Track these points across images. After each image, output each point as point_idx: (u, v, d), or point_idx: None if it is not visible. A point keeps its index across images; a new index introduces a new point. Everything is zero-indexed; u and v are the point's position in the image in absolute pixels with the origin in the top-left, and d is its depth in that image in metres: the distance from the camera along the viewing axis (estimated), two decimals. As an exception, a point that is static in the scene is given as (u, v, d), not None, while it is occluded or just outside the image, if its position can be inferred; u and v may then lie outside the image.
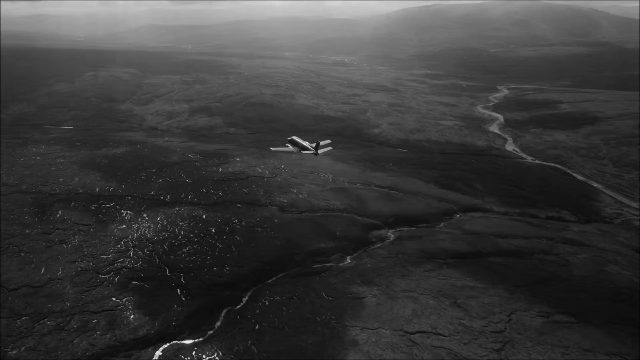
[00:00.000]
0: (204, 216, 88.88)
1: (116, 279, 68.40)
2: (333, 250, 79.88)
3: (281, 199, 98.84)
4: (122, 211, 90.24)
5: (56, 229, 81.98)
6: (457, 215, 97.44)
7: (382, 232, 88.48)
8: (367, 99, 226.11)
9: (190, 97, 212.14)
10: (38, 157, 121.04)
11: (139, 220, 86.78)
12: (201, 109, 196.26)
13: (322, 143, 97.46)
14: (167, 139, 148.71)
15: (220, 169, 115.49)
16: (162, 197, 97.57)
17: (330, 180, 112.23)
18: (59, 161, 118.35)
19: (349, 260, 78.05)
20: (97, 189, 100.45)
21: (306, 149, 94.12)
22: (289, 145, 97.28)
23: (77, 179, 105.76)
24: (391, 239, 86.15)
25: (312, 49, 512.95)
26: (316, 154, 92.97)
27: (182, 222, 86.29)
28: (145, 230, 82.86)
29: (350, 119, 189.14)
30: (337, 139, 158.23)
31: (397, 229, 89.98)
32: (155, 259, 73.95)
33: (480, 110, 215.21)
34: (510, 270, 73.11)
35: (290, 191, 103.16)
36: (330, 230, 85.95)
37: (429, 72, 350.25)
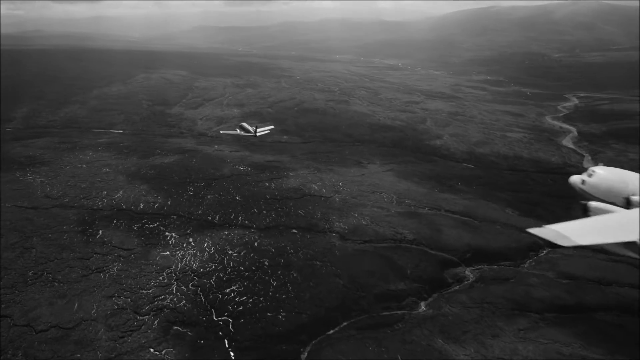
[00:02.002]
0: (255, 244, 78.94)
1: (156, 322, 59.08)
2: (404, 294, 68.03)
3: (341, 224, 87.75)
4: (167, 234, 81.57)
5: (95, 253, 74.00)
6: (545, 251, 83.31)
7: (459, 270, 75.94)
8: (425, 106, 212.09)
9: (241, 102, 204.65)
10: (84, 166, 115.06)
11: (184, 246, 77.77)
12: (252, 114, 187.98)
13: (263, 128, 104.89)
14: (216, 147, 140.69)
15: (273, 185, 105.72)
16: (210, 218, 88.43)
17: (395, 202, 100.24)
18: (104, 171, 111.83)
19: (423, 307, 66.06)
20: (142, 205, 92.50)
21: (248, 132, 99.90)
22: (237, 129, 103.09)
23: (121, 192, 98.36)
24: (470, 279, 73.49)
25: (363, 51, 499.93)
26: (255, 136, 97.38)
27: (231, 250, 76.60)
28: (190, 259, 73.63)
29: (409, 128, 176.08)
30: (397, 151, 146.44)
31: (476, 267, 77.15)
32: (201, 298, 64.35)
33: (549, 121, 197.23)
34: (629, 335, 59.11)
35: (351, 215, 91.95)
36: (399, 267, 74.14)
37: (488, 77, 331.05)
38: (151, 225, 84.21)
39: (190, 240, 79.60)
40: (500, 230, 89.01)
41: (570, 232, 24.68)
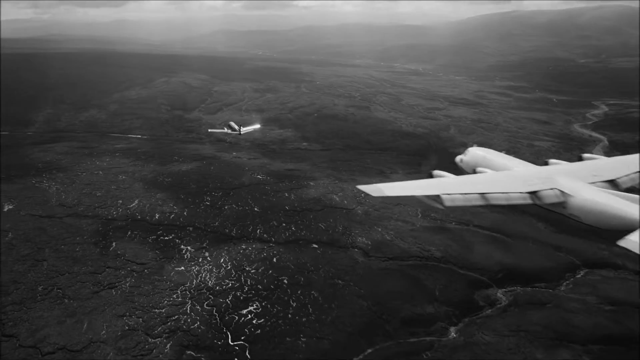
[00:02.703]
0: (274, 259, 75.14)
1: (168, 345, 55.53)
2: (433, 318, 63.41)
3: (364, 239, 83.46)
4: (182, 247, 78.29)
5: (107, 267, 71.01)
6: (582, 272, 77.80)
7: (491, 292, 70.96)
8: (449, 113, 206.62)
9: (260, 107, 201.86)
10: (100, 172, 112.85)
11: (200, 260, 74.33)
12: (272, 120, 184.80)
13: (248, 127, 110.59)
14: (235, 153, 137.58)
15: (292, 196, 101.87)
16: (227, 230, 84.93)
17: (420, 215, 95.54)
18: (120, 178, 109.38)
19: (453, 333, 61.32)
20: (157, 215, 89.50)
21: (234, 130, 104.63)
22: (225, 128, 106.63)
23: (136, 201, 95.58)
24: (503, 303, 68.46)
25: (384, 56, 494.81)
26: (240, 134, 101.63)
27: (249, 266, 72.93)
28: (206, 275, 70.13)
29: (432, 136, 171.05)
30: (420, 160, 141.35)
31: (509, 289, 72.03)
32: (216, 319, 60.66)
33: (578, 129, 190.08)
34: (683, 372, 53.77)
35: (374, 229, 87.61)
36: (426, 288, 69.57)
37: (512, 83, 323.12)
38: (166, 238, 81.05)
39: (206, 254, 76.15)
40: (533, 248, 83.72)
41: (386, 188, 33.46)
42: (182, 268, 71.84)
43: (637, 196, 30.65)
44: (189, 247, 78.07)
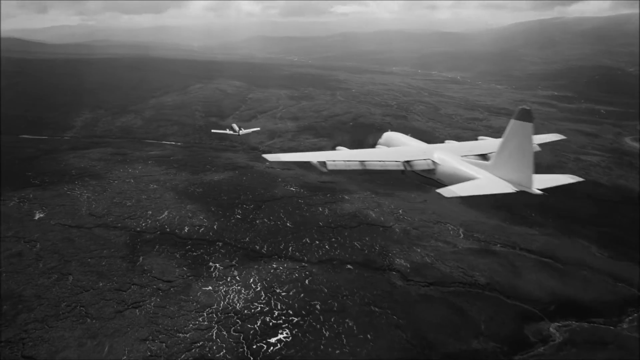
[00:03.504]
0: (306, 281, 70.74)
1: (191, 376, 51.82)
2: (479, 356, 57.66)
3: (403, 261, 78.15)
4: (210, 264, 74.83)
5: (133, 284, 68.11)
6: (646, 307, 70.44)
7: (543, 326, 64.53)
8: (489, 124, 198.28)
9: (294, 115, 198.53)
10: (132, 181, 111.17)
11: (229, 280, 70.62)
12: (306, 128, 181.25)
13: (247, 130, 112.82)
14: (267, 163, 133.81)
15: (326, 211, 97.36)
16: (257, 247, 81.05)
17: (462, 235, 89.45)
18: (151, 187, 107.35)
19: (502, 374, 55.54)
20: (186, 229, 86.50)
21: (235, 131, 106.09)
22: (227, 129, 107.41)
23: (166, 212, 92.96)
24: (557, 340, 61.98)
25: (421, 63, 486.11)
26: (239, 135, 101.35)
27: (279, 288, 68.76)
28: (234, 297, 66.30)
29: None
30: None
31: (563, 323, 65.45)
32: (243, 347, 56.55)
33: (629, 142, 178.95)
34: None
35: (413, 249, 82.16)
36: (471, 320, 63.77)
37: (556, 93, 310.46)
38: (194, 253, 77.80)
39: (235, 273, 72.41)
40: (589, 277, 76.54)
41: (278, 157, 37.64)
42: (210, 288, 68.26)
43: (485, 162, 38.70)
44: (217, 265, 74.53)
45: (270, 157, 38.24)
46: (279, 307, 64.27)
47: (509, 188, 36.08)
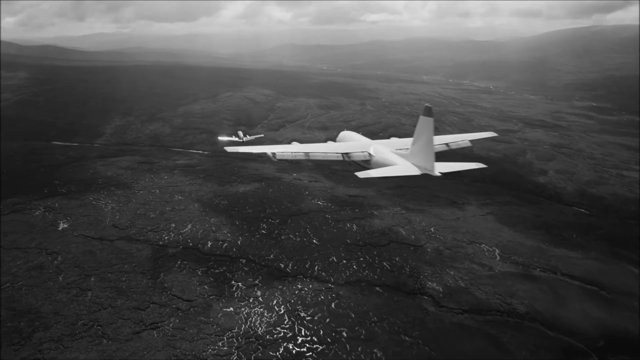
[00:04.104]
0: (332, 305, 66.95)
1: (208, 408, 48.57)
2: (520, 395, 52.77)
3: (435, 284, 73.60)
4: (233, 283, 71.82)
5: (152, 303, 65.55)
6: None
7: (591, 363, 59.15)
8: (524, 136, 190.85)
9: (323, 124, 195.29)
10: (157, 191, 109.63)
11: (251, 301, 67.40)
12: (334, 138, 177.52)
13: (252, 136, 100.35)
14: (295, 175, 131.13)
15: (355, 227, 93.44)
16: (282, 265, 77.70)
17: (498, 257, 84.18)
18: (176, 198, 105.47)
19: (546, 418, 50.51)
20: (209, 244, 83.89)
21: (240, 138, 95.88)
22: (233, 136, 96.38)
23: (189, 226, 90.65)
24: (607, 380, 56.50)
25: (452, 72, 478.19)
26: (242, 141, 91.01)
27: (304, 311, 65.14)
28: (256, 320, 62.99)
29: (507, 161, 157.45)
30: (494, 189, 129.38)
31: (614, 362, 59.83)
32: (264, 377, 53.17)
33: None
34: None
35: (446, 272, 77.47)
36: (510, 354, 58.68)
37: (594, 104, 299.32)
38: (217, 271, 74.95)
39: (258, 293, 69.16)
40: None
41: (236, 149, 45.95)
42: (231, 309, 65.14)
43: (406, 153, 46.00)
44: (240, 284, 71.45)
45: (230, 149, 47.03)
46: (303, 333, 60.65)
47: (415, 171, 44.36)
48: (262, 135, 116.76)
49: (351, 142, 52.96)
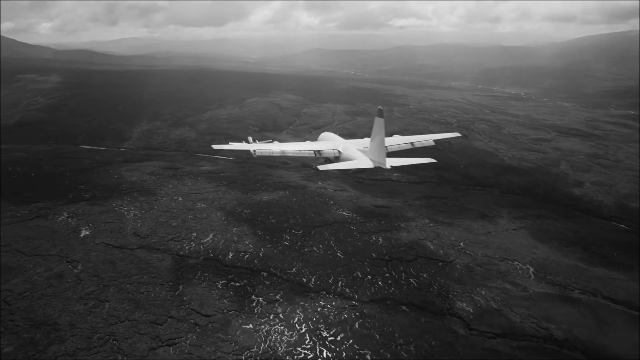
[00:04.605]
0: (356, 324, 63.69)
1: None
2: None
3: (464, 304, 69.60)
4: (253, 297, 69.26)
5: (169, 317, 63.48)
6: None
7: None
8: (558, 145, 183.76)
9: (350, 131, 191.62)
10: (180, 198, 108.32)
11: (271, 317, 64.66)
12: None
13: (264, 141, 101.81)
14: (320, 183, 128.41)
15: (381, 240, 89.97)
16: (304, 280, 74.81)
17: (532, 276, 79.52)
18: (199, 206, 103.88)
19: None
20: (231, 255, 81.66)
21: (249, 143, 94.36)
22: (243, 141, 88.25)
23: (211, 235, 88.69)
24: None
25: (482, 78, 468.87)
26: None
27: (326, 331, 62.07)
28: (276, 339, 60.20)
29: (540, 171, 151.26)
30: (527, 201, 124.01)
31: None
32: (283, 403, 50.29)
33: None
34: None
35: (477, 291, 73.34)
36: (548, 385, 54.56)
37: (632, 112, 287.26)
38: (237, 284, 72.55)
39: (279, 310, 66.38)
40: (690, 337, 65.03)
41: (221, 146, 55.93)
42: (250, 326, 62.51)
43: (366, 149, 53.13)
44: (260, 299, 68.84)
45: (217, 146, 55.74)
46: (324, 355, 57.58)
47: (370, 165, 51.09)
48: (271, 141, 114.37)
49: (325, 141, 60.59)
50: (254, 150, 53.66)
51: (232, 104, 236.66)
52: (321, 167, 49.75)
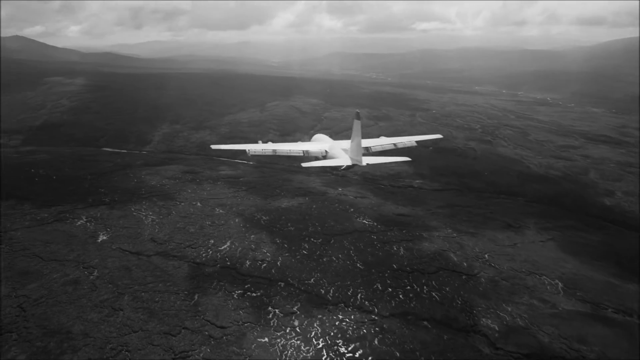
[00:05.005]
0: (375, 341, 61.13)
1: None
2: None
3: (489, 321, 66.40)
4: (269, 309, 67.28)
5: (183, 328, 61.86)
6: None
7: None
8: (586, 152, 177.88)
9: (371, 137, 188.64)
10: (198, 204, 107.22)
11: (288, 331, 62.55)
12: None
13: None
14: (340, 189, 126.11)
15: (402, 250, 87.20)
16: (322, 291, 72.52)
17: (562, 292, 75.74)
18: (217, 212, 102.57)
19: None
20: (248, 263, 79.93)
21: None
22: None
23: (228, 243, 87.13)
24: None
25: (506, 83, 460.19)
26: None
27: (344, 346, 59.66)
28: (292, 354, 57.99)
29: (567, 180, 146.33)
30: (554, 211, 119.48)
31: None
32: None
33: None
34: None
35: (502, 307, 70.05)
36: (580, 412, 51.23)
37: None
38: (254, 294, 70.66)
39: (296, 323, 64.22)
40: None
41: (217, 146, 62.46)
42: (266, 339, 60.50)
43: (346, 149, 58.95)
44: (277, 311, 66.81)
45: (215, 146, 62.42)
46: (342, 373, 55.20)
47: (348, 162, 56.22)
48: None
49: (317, 143, 65.13)
50: (248, 150, 58.31)
51: (253, 107, 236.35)
52: (304, 165, 55.18)
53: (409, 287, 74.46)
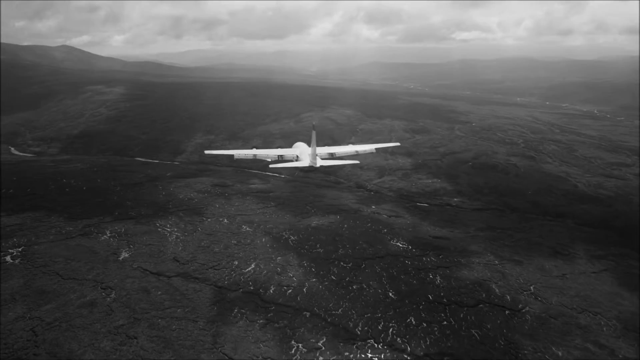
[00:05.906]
0: (408, 387, 55.04)
1: None
2: None
3: (537, 368, 59.22)
4: (292, 343, 62.04)
5: (199, 362, 57.32)
6: None
7: None
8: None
9: (408, 150, 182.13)
10: (225, 221, 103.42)
11: (311, 370, 57.20)
12: (419, 166, 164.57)
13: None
14: (374, 207, 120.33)
15: (438, 278, 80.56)
16: (350, 324, 66.78)
17: (620, 334, 67.33)
18: (244, 230, 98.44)
19: None
20: (272, 289, 75.05)
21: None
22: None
23: (253, 265, 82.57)
24: None
25: (549, 94, 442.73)
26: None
27: (372, 393, 53.87)
28: (314, 399, 52.66)
29: (619, 201, 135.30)
30: (607, 237, 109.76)
31: None
32: None
33: None
34: None
35: (552, 350, 62.52)
36: None
37: None
38: (276, 325, 65.61)
39: (320, 360, 58.75)
40: None
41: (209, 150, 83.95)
42: (287, 380, 55.27)
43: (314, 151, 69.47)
44: (300, 345, 61.51)
45: (208, 152, 77.01)
46: None
47: (306, 164, 69.91)
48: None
49: (294, 149, 76.59)
50: (234, 154, 70.66)
51: (287, 118, 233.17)
52: (271, 165, 71.08)
53: (445, 323, 67.90)
